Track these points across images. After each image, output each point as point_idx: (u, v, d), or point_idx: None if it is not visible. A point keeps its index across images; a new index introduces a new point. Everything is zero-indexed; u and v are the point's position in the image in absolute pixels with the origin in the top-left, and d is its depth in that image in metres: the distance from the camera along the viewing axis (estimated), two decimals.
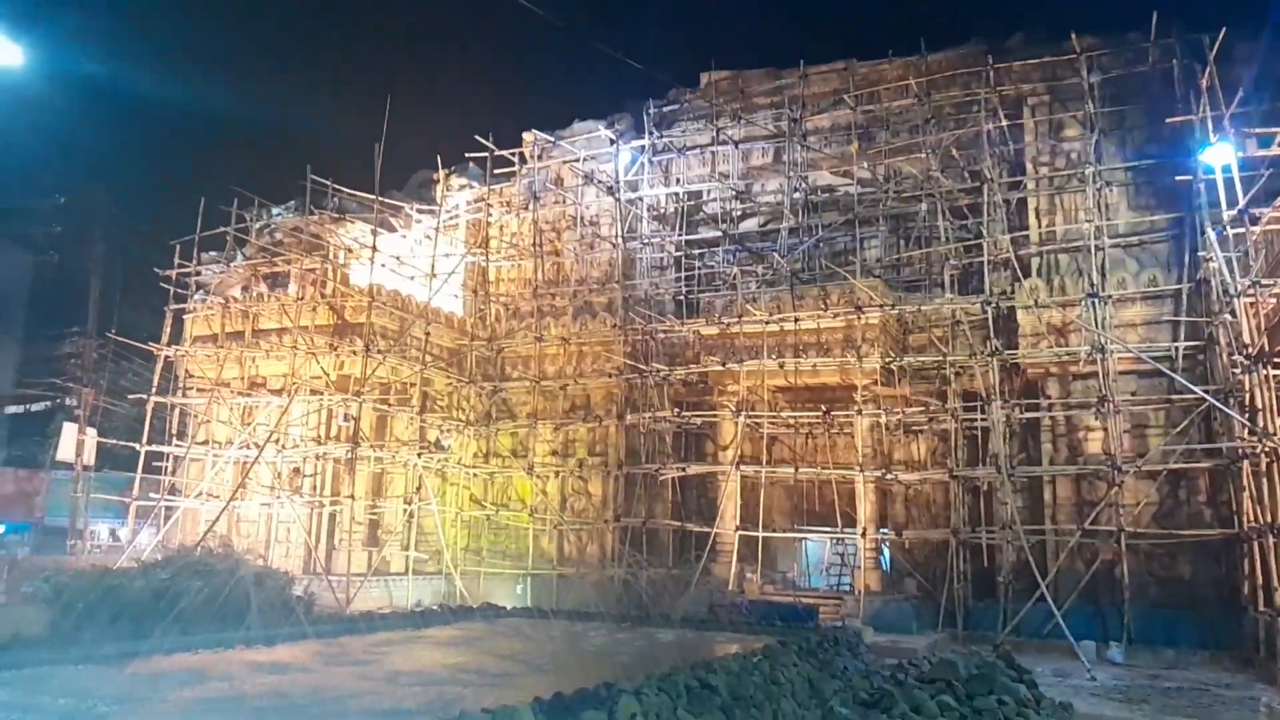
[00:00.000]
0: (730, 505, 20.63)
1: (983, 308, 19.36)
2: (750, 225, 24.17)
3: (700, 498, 22.88)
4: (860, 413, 19.47)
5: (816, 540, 22.86)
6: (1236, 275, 15.87)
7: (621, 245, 24.07)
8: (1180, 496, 18.24)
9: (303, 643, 12.73)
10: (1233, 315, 16.22)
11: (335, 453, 21.36)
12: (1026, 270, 19.91)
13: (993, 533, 18.93)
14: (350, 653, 12.15)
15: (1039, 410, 19.38)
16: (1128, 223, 19.39)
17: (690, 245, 24.39)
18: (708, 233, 24.20)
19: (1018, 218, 20.49)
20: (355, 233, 24.53)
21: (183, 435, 23.83)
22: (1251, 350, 15.19)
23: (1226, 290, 16.31)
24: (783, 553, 23.19)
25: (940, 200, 20.61)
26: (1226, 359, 17.05)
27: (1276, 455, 14.54)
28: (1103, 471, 18.06)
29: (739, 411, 20.43)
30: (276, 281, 24.37)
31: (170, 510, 22.33)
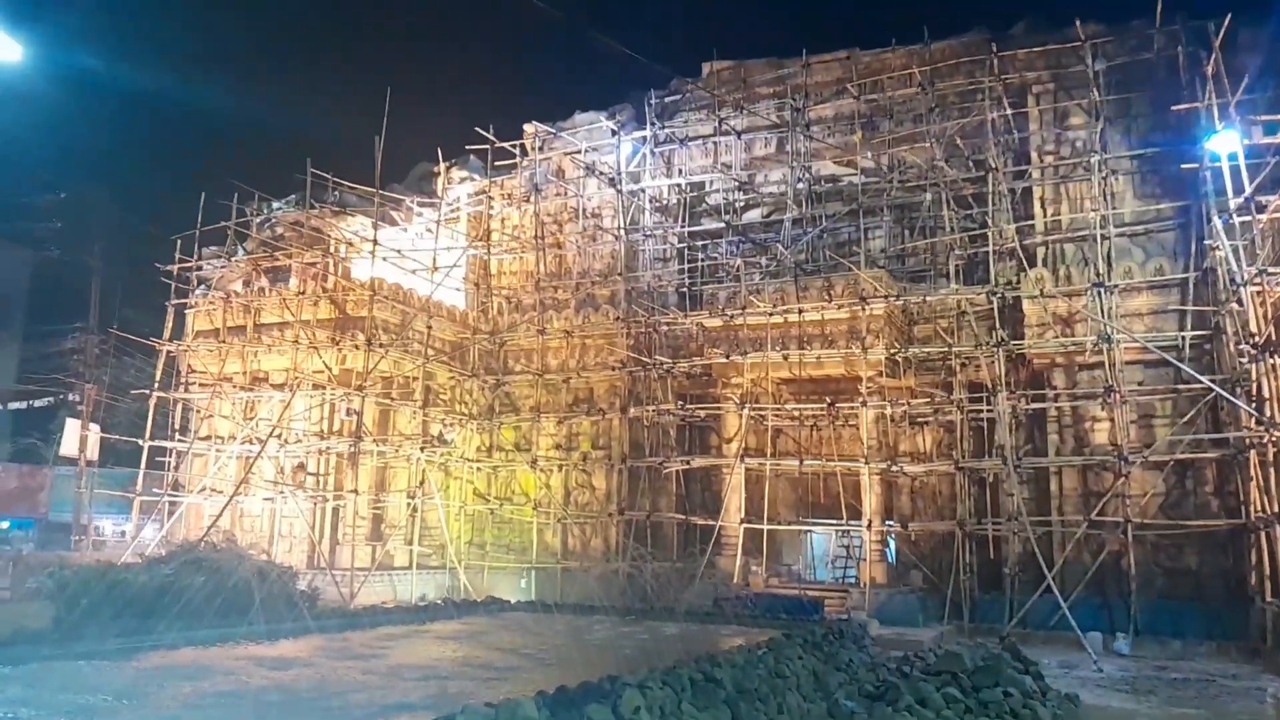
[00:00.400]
0: (735, 498, 20.57)
1: (988, 298, 19.25)
2: (753, 216, 24.06)
3: (704, 491, 22.82)
4: (865, 404, 19.38)
5: (822, 533, 22.82)
6: (1243, 264, 15.75)
7: (624, 237, 23.98)
8: (1187, 487, 18.14)
9: (306, 637, 12.75)
10: (1239, 304, 16.11)
11: (338, 447, 21.32)
12: (1032, 260, 19.79)
13: (999, 524, 18.85)
14: (354, 647, 12.15)
15: (1045, 401, 19.28)
16: (1133, 211, 19.26)
17: (693, 237, 24.28)
18: (711, 224, 24.09)
19: (1023, 207, 20.38)
20: (356, 226, 24.46)
21: (185, 430, 23.83)
22: (1258, 339, 15.10)
23: (1233, 279, 16.18)
24: (788, 545, 23.15)
25: (945, 190, 20.49)
26: (1233, 348, 16.93)
27: None
28: (1109, 462, 17.97)
29: (743, 404, 20.36)
30: (278, 276, 24.31)
31: (174, 505, 22.32)
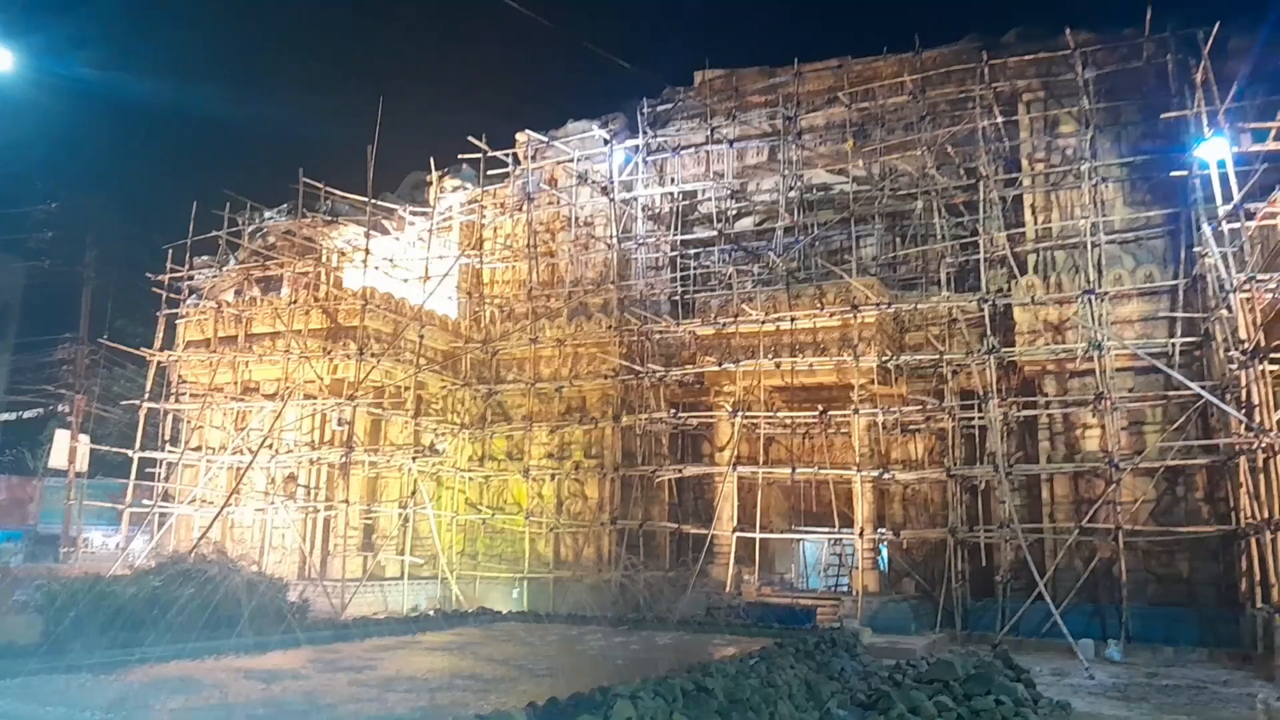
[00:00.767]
0: (727, 506, 20.55)
1: (979, 305, 19.31)
2: (746, 224, 24.11)
3: (697, 499, 22.79)
4: (857, 412, 19.39)
5: (814, 541, 22.79)
6: (1233, 270, 15.81)
7: (616, 245, 23.99)
8: (1178, 493, 18.19)
9: (296, 649, 12.65)
10: (1229, 311, 16.16)
11: (329, 457, 21.24)
12: (1023, 267, 19.85)
13: (991, 531, 18.87)
14: (344, 659, 12.06)
15: (1036, 408, 19.32)
16: (1124, 219, 19.35)
17: (685, 245, 24.29)
18: (703, 232, 24.11)
19: (1014, 214, 20.43)
20: (348, 235, 24.46)
21: (176, 441, 23.71)
22: (1248, 346, 15.13)
23: (1223, 286, 16.26)
24: (780, 554, 23.13)
25: (936, 197, 20.55)
26: (1223, 355, 16.98)
27: (1273, 451, 14.51)
28: (1100, 469, 18.01)
29: (735, 412, 20.36)
30: (269, 285, 24.29)
31: (163, 516, 22.22)
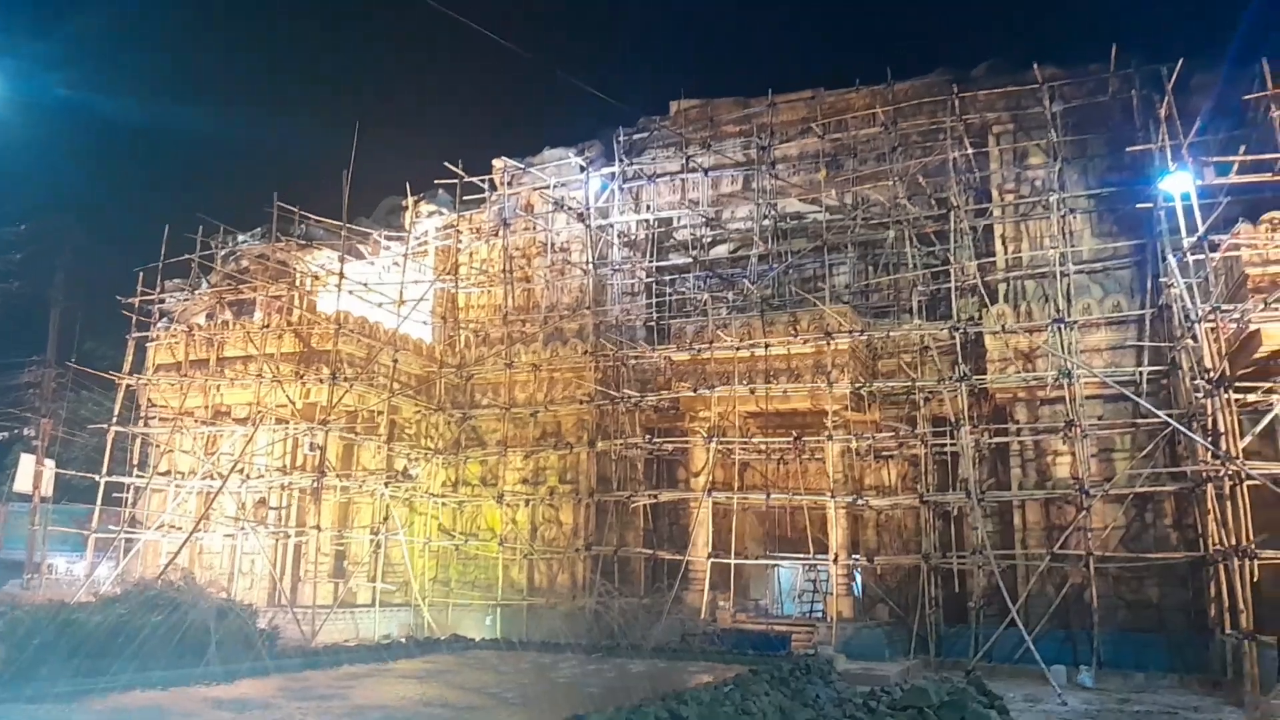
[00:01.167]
0: (702, 532, 20.53)
1: (951, 333, 19.51)
2: (720, 252, 24.27)
3: (672, 525, 22.75)
4: (831, 438, 19.48)
5: (788, 567, 22.80)
6: (1198, 301, 16.10)
7: (592, 271, 24.06)
8: (1147, 520, 18.39)
9: (266, 678, 12.48)
10: (1194, 340, 16.43)
11: (301, 482, 21.03)
12: (994, 296, 20.11)
13: (964, 558, 18.96)
14: (314, 687, 11.91)
15: (1008, 435, 19.51)
16: (1091, 249, 19.68)
17: (661, 271, 24.42)
18: (678, 259, 24.24)
19: (984, 244, 20.72)
20: (322, 259, 24.35)
21: (144, 466, 23.36)
22: (1213, 374, 15.39)
23: (1188, 315, 16.53)
24: (755, 580, 23.10)
25: (908, 227, 20.80)
26: (1189, 383, 17.24)
27: (1239, 478, 14.71)
28: (1071, 495, 18.18)
29: (710, 437, 20.39)
30: (242, 309, 24.08)
31: (130, 542, 21.86)
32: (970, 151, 20.66)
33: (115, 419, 22.77)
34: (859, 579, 20.83)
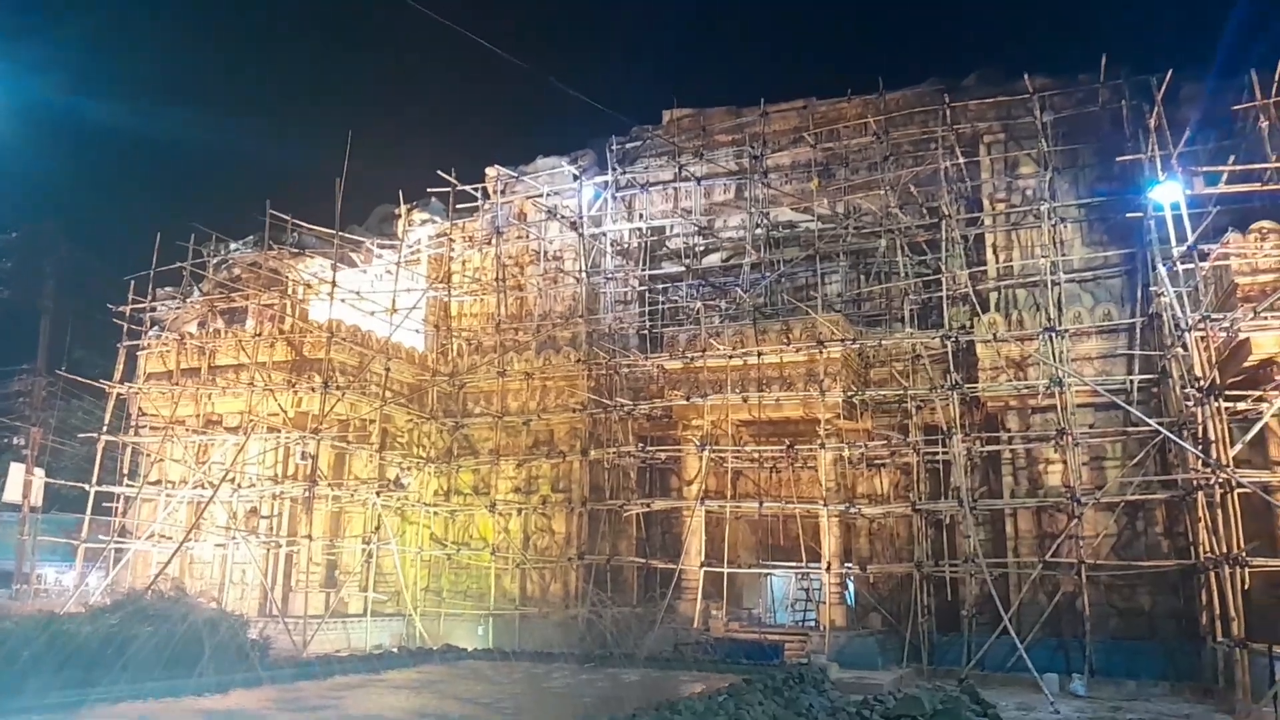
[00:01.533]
0: (695, 541, 20.51)
1: (942, 342, 19.58)
2: (713, 260, 24.31)
3: (665, 534, 22.73)
4: (823, 446, 19.50)
5: (781, 575, 22.78)
6: (1187, 310, 16.19)
7: (585, 280, 24.08)
8: (1138, 528, 18.46)
9: (258, 688, 12.43)
10: (1184, 349, 16.52)
11: (292, 492, 20.94)
12: (985, 305, 20.20)
13: (956, 566, 19.00)
14: (306, 698, 11.87)
15: (999, 443, 19.56)
16: (1082, 258, 19.79)
17: (654, 280, 24.45)
18: (671, 268, 24.29)
19: (975, 253, 20.83)
20: (315, 268, 24.30)
21: (134, 475, 23.25)
22: (1203, 383, 15.47)
23: (1178, 324, 16.61)
24: (748, 588, 23.07)
25: (899, 236, 20.90)
26: (1179, 391, 17.34)
27: (1230, 486, 14.77)
28: (1062, 504, 18.23)
29: (703, 446, 20.39)
30: (234, 317, 24.02)
31: (120, 552, 21.73)
32: (961, 161, 20.78)
33: (106, 428, 22.64)
34: (852, 587, 20.83)
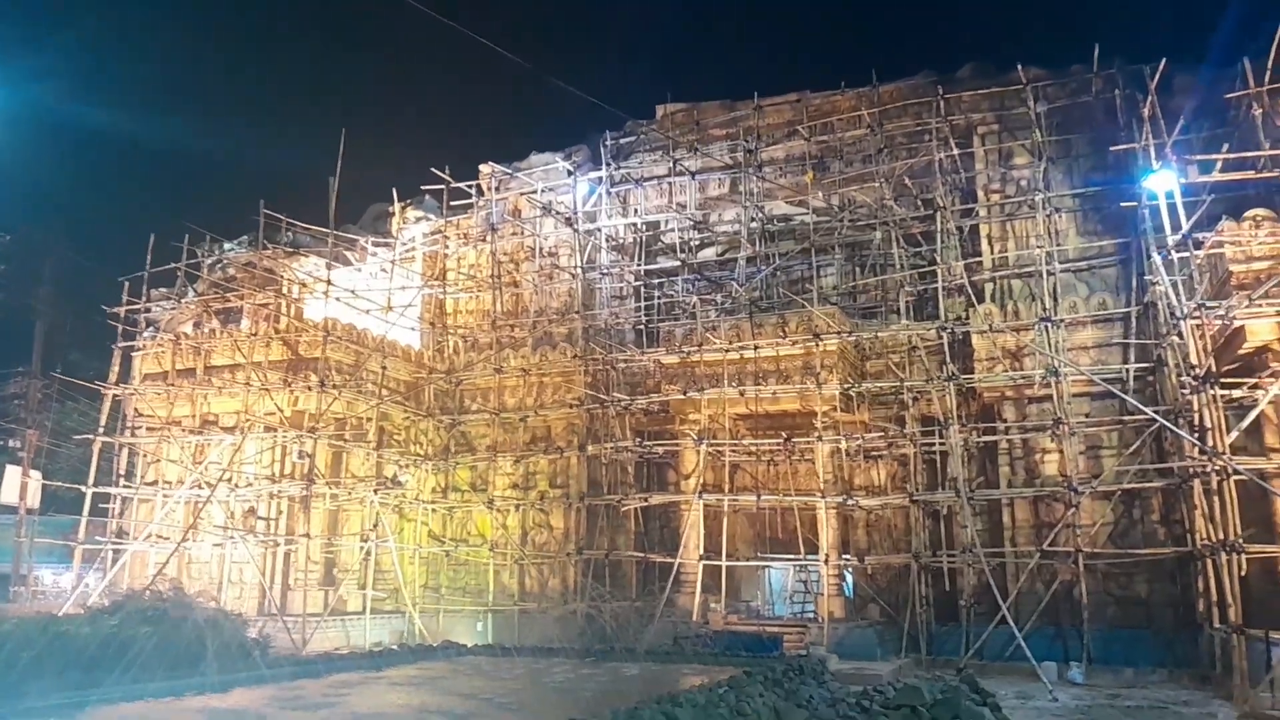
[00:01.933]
0: (693, 535, 20.54)
1: (938, 333, 19.60)
2: (708, 254, 24.31)
3: (663, 528, 22.76)
4: (820, 439, 19.55)
5: (780, 568, 22.84)
6: (1182, 298, 16.23)
7: (581, 275, 24.08)
8: (1135, 516, 18.53)
9: (259, 687, 12.44)
10: (1180, 337, 16.56)
11: (290, 491, 20.93)
12: (980, 295, 20.22)
13: (953, 556, 19.04)
14: (308, 696, 11.87)
15: (996, 433, 19.61)
16: (1077, 248, 19.82)
17: (649, 275, 24.45)
18: (666, 262, 24.28)
19: (970, 244, 20.84)
20: (309, 267, 24.24)
21: (131, 476, 23.23)
22: (1199, 371, 15.51)
23: (1173, 313, 16.65)
24: (747, 581, 23.13)
25: (894, 228, 20.90)
26: (1175, 380, 17.37)
27: (1225, 474, 14.82)
28: (1059, 493, 18.28)
29: (700, 440, 20.41)
30: (229, 317, 23.97)
31: (117, 553, 21.71)
32: (955, 152, 20.78)
33: (101, 429, 22.63)
34: (850, 579, 20.88)
